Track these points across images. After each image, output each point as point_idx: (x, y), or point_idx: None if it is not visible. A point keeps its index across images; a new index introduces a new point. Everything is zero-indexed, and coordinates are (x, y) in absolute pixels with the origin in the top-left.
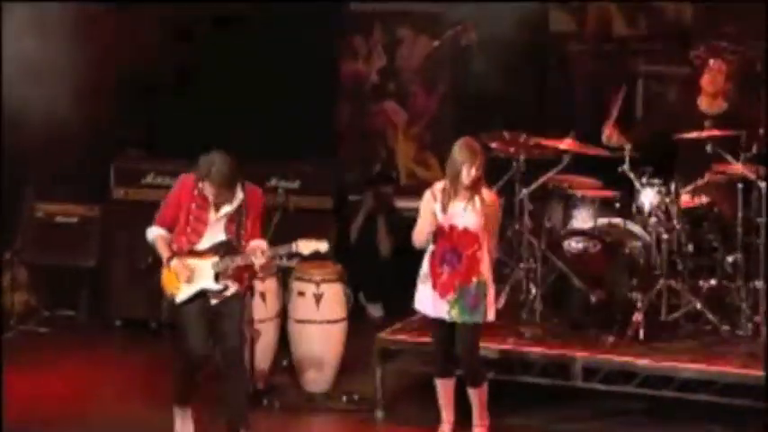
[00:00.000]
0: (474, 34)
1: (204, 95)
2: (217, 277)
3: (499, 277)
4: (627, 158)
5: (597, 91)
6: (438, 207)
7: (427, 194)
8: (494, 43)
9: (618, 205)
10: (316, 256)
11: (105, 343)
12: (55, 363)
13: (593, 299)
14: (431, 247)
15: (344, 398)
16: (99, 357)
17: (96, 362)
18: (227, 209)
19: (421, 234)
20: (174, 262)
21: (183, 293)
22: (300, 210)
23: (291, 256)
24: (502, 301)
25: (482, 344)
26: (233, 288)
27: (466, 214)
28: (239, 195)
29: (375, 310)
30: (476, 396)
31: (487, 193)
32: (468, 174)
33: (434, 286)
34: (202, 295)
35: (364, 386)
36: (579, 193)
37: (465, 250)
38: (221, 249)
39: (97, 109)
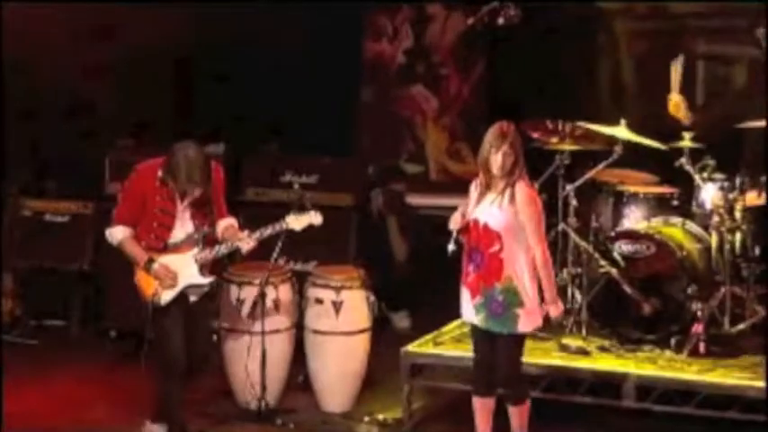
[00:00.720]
0: (513, 11)
1: (207, 79)
2: (201, 270)
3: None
4: (686, 150)
5: (650, 74)
6: (465, 207)
7: (472, 185)
8: (534, 21)
9: (675, 203)
10: (335, 259)
11: (99, 356)
12: (42, 379)
13: (646, 308)
14: (451, 247)
15: (367, 419)
16: (92, 372)
17: (89, 378)
18: (192, 196)
19: (455, 219)
20: (156, 266)
21: (167, 295)
22: (318, 207)
23: (281, 234)
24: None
25: (523, 358)
26: (209, 279)
27: (491, 210)
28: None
29: (401, 320)
30: (516, 416)
31: (522, 188)
32: (495, 160)
33: (465, 286)
34: (183, 294)
35: (390, 406)
36: (631, 189)
37: (486, 249)
38: (198, 239)
39: (90, 92)
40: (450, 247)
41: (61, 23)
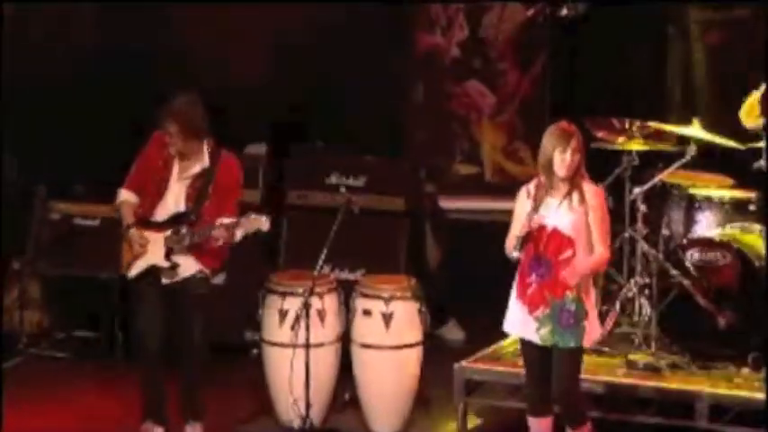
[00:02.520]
0: (579, 1)
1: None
2: (168, 254)
3: (606, 295)
4: (765, 151)
5: (725, 68)
6: (530, 206)
7: (522, 193)
8: (600, 12)
9: (753, 208)
10: (385, 268)
11: (131, 371)
12: (70, 394)
13: (721, 322)
14: (516, 255)
15: None
16: (123, 389)
17: (120, 394)
18: (190, 171)
19: (511, 240)
20: (132, 231)
21: (134, 269)
22: (366, 211)
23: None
24: (610, 323)
25: (586, 375)
26: (192, 268)
27: (559, 213)
28: (205, 159)
29: (451, 332)
30: None
31: (590, 188)
32: (561, 160)
33: (522, 300)
34: (153, 273)
35: (443, 425)
36: (705, 192)
37: (555, 256)
38: (178, 221)
39: (122, 92)
40: (515, 254)
41: None
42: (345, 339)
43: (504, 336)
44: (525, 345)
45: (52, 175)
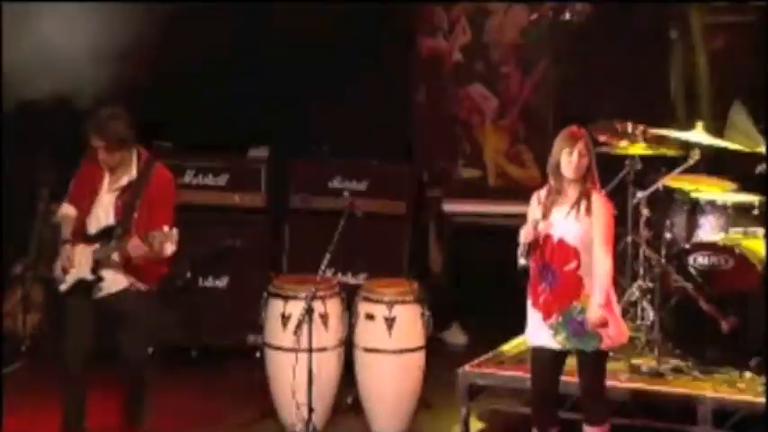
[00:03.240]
0: (581, 6)
1: (251, 79)
2: (95, 267)
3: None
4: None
5: (731, 71)
6: (539, 212)
7: (533, 199)
8: (603, 15)
9: (756, 212)
10: (387, 272)
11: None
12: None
13: (724, 326)
14: (522, 262)
15: None
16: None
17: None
18: (118, 184)
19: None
20: (65, 246)
21: (65, 283)
22: (369, 215)
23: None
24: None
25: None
26: (120, 284)
27: (567, 222)
28: (133, 172)
29: (454, 336)
30: None
31: (598, 198)
32: (568, 162)
33: (536, 307)
34: (83, 287)
35: (446, 429)
36: (708, 196)
37: (560, 267)
38: (108, 235)
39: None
40: (522, 261)
41: None
42: (348, 343)
43: (506, 340)
44: (536, 352)
45: (54, 177)
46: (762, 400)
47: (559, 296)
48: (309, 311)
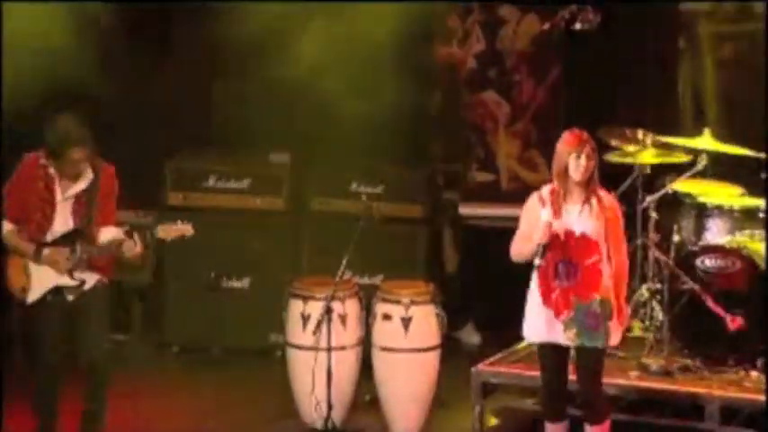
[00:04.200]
0: (592, 14)
1: (268, 84)
2: (71, 272)
3: None
4: None
5: (735, 80)
6: (548, 212)
7: (532, 199)
8: (613, 24)
9: (762, 215)
10: (403, 274)
11: (160, 372)
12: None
13: (731, 326)
14: (537, 261)
15: None
16: (153, 389)
17: (150, 394)
18: (75, 188)
19: (523, 245)
20: (46, 251)
21: (34, 292)
22: (386, 218)
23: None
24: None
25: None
26: (92, 280)
27: (582, 218)
28: (89, 174)
29: (469, 336)
30: None
31: (606, 195)
32: (576, 165)
33: (547, 304)
34: (58, 293)
35: (461, 426)
36: (715, 201)
37: (583, 260)
38: (74, 238)
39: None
40: (537, 261)
41: None
42: (366, 342)
43: (519, 339)
44: (546, 349)
45: None
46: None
47: (578, 291)
48: (329, 311)
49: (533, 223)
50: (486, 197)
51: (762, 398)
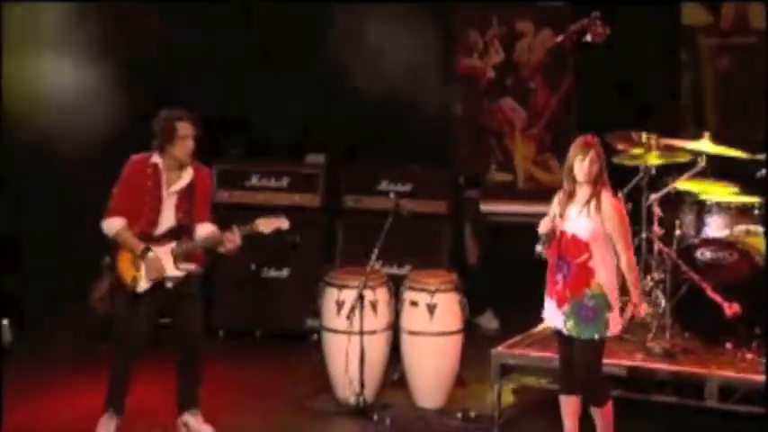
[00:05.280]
0: (601, 28)
1: (306, 91)
2: (176, 263)
3: (623, 289)
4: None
5: (732, 88)
6: (557, 212)
7: (555, 198)
8: (620, 38)
9: (756, 212)
10: (429, 265)
11: (208, 355)
12: (152, 377)
13: (728, 312)
14: (538, 248)
15: (460, 415)
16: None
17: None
18: (179, 185)
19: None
20: (151, 254)
21: (144, 283)
22: (413, 215)
23: (252, 235)
24: (627, 315)
25: (609, 360)
26: (191, 268)
27: (578, 220)
28: (189, 171)
29: (489, 322)
30: (599, 416)
31: (607, 197)
32: (580, 167)
33: (551, 296)
34: (161, 283)
35: (481, 404)
36: (714, 198)
37: (573, 259)
38: (177, 234)
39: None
40: (539, 248)
41: None
42: (395, 327)
43: (534, 324)
44: (556, 333)
45: None
46: (762, 377)
47: (572, 286)
48: (361, 299)
49: (547, 221)
50: (504, 195)
51: (756, 377)
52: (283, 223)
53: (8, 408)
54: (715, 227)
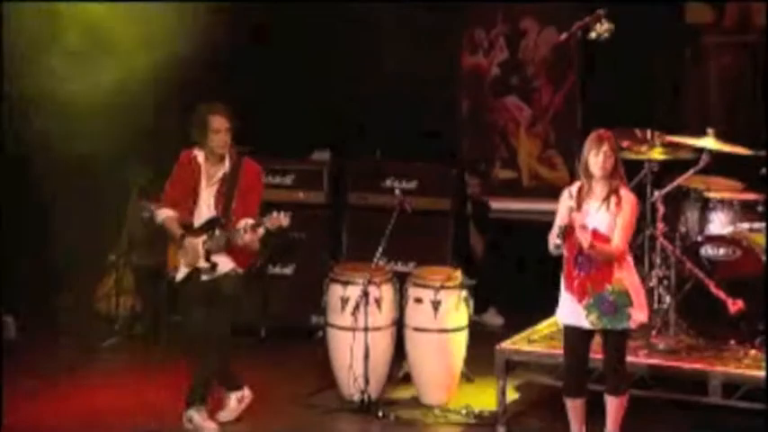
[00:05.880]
0: (605, 26)
1: (315, 89)
2: (208, 255)
3: None
4: None
5: (735, 86)
6: (573, 205)
7: (564, 193)
8: (625, 35)
9: (760, 209)
10: (433, 262)
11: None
12: (158, 371)
13: (732, 309)
14: (557, 242)
15: (464, 411)
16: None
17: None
18: (217, 176)
19: (554, 232)
20: (186, 241)
21: (181, 272)
22: (418, 211)
23: (256, 227)
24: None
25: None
26: (227, 266)
27: (598, 215)
28: (227, 165)
29: (492, 318)
30: (613, 406)
31: (627, 193)
32: (594, 162)
33: (570, 291)
34: (196, 273)
35: (485, 400)
36: (718, 195)
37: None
38: (214, 225)
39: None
40: (558, 241)
41: None
42: (399, 323)
43: (538, 321)
44: (571, 331)
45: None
46: (764, 374)
47: (593, 280)
48: (365, 295)
49: (563, 215)
50: (508, 192)
51: (760, 374)
52: (284, 221)
53: (9, 405)
54: (719, 224)
